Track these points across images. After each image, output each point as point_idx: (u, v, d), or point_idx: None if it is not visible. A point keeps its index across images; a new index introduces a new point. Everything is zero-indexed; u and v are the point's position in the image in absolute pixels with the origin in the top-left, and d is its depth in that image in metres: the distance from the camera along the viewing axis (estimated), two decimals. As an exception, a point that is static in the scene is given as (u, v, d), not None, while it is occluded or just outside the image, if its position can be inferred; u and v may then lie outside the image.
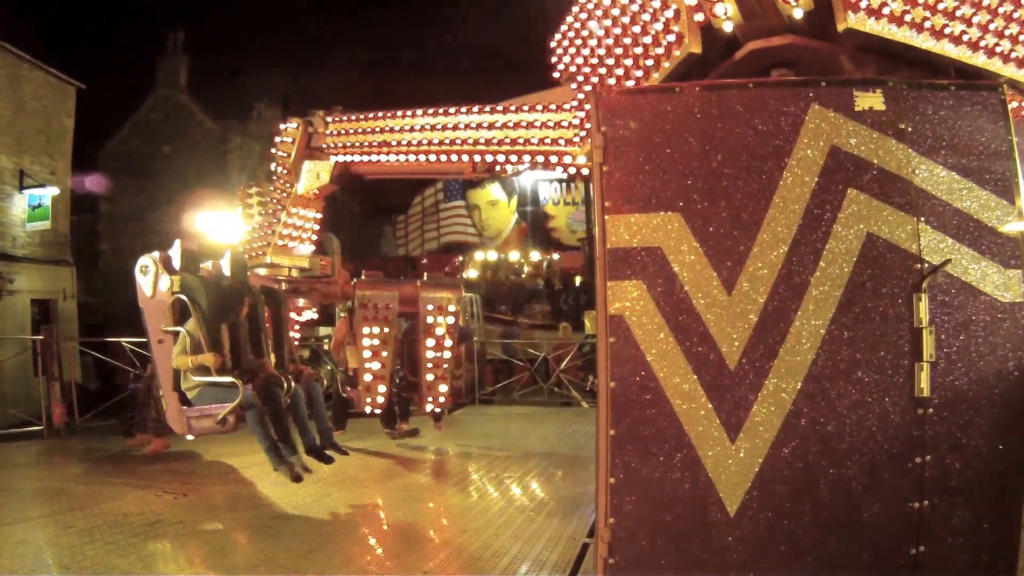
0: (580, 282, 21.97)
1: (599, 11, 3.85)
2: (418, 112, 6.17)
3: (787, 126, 2.95)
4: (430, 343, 7.43)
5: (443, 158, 6.10)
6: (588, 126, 3.40)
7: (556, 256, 24.02)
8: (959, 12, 3.07)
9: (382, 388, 7.25)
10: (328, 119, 6.82)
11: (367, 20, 39.28)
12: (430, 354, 7.44)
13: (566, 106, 5.13)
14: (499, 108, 5.74)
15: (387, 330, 7.22)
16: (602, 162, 3.05)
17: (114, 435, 8.35)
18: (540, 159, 5.55)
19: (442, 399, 7.65)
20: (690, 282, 2.94)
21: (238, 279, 5.89)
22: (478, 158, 5.98)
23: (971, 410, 2.81)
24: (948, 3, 3.04)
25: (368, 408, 7.35)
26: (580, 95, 4.32)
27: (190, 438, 5.94)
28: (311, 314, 8.22)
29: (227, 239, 7.93)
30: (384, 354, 7.22)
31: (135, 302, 5.79)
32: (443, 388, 7.57)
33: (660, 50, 3.39)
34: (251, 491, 5.90)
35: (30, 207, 14.05)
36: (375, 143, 6.46)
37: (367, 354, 7.19)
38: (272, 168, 7.23)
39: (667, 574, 2.87)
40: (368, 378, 7.23)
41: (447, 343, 7.45)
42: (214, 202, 9.72)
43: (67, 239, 15.52)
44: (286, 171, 7.02)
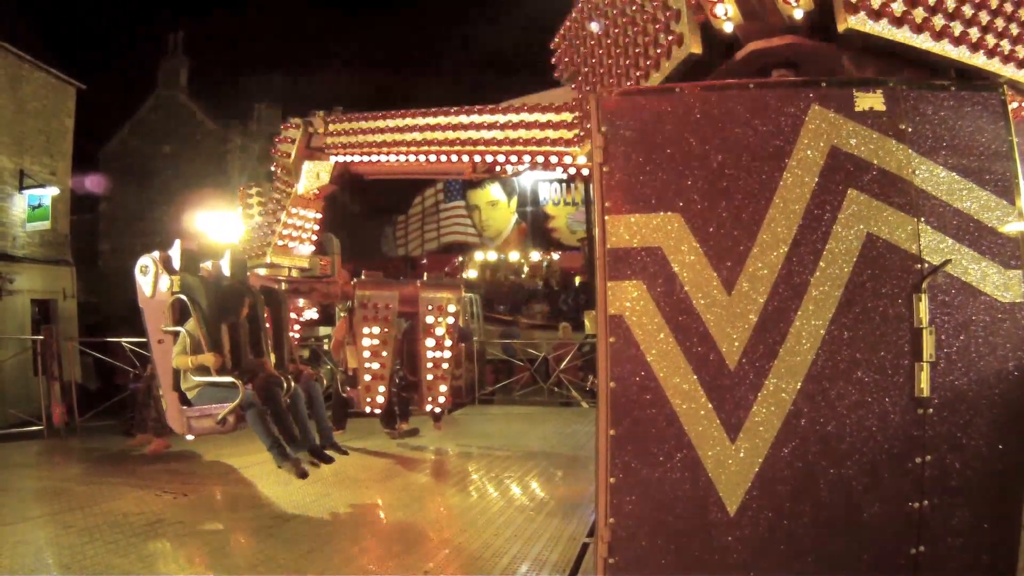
0: (580, 282, 21.96)
1: (599, 11, 3.85)
2: (418, 112, 6.17)
3: (787, 126, 2.95)
4: (430, 343, 7.44)
5: (443, 158, 6.10)
6: (588, 126, 3.40)
7: (556, 256, 24.00)
8: (959, 12, 3.07)
9: (382, 388, 7.27)
10: (328, 119, 6.83)
11: (367, 20, 39.29)
12: (430, 354, 7.46)
13: (566, 106, 5.13)
14: (499, 108, 5.74)
15: (387, 330, 7.23)
16: (602, 162, 3.05)
17: (114, 435, 8.35)
18: (540, 159, 5.54)
19: (442, 399, 7.66)
20: (690, 282, 2.94)
21: (238, 279, 5.90)
22: (478, 158, 5.98)
23: (971, 410, 2.80)
24: (949, 4, 3.04)
25: (368, 408, 7.36)
26: (580, 95, 4.32)
27: (190, 438, 5.96)
28: (311, 314, 8.24)
29: (227, 239, 7.94)
30: (384, 354, 7.23)
31: (135, 302, 5.81)
32: (443, 388, 7.58)
33: (660, 50, 3.38)
34: (251, 491, 5.90)
35: (30, 207, 14.06)
36: (375, 143, 6.47)
37: (367, 354, 7.20)
38: (272, 168, 7.25)
39: (667, 574, 2.87)
40: (368, 378, 7.24)
41: (447, 343, 7.46)
42: (214, 202, 9.74)
43: (67, 239, 15.53)
44: (286, 171, 7.04)
